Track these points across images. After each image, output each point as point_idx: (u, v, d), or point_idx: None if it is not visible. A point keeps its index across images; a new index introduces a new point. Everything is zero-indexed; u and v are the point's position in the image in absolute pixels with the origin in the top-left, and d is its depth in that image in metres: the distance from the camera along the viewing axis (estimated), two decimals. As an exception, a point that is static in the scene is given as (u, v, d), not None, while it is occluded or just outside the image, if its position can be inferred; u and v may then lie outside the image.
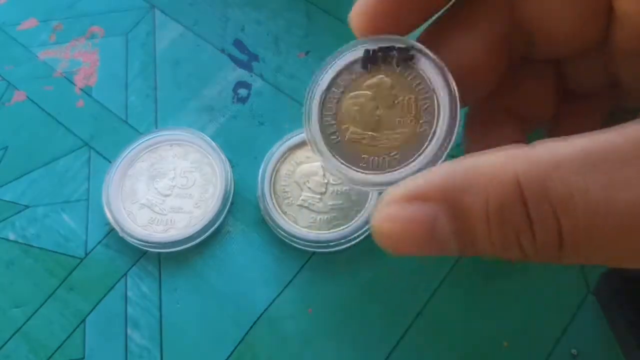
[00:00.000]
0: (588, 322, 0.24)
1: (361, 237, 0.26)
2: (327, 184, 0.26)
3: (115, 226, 0.26)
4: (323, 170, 0.27)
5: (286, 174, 0.27)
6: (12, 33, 0.32)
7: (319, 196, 0.26)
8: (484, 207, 0.15)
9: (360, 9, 0.20)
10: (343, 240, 0.25)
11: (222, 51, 0.31)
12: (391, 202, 0.17)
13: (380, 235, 0.17)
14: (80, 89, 0.30)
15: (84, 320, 0.25)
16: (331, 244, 0.25)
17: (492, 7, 0.20)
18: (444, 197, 0.16)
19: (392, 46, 0.20)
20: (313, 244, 0.26)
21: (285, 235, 0.26)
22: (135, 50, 0.31)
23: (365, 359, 0.24)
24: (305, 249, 0.26)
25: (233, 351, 0.24)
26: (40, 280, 0.26)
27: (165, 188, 0.27)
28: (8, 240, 0.27)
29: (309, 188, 0.27)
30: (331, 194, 0.26)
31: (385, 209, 0.17)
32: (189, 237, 0.26)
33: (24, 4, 0.33)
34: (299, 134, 0.27)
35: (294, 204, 0.26)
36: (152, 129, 0.29)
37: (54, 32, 0.32)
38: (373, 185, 0.19)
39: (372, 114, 0.20)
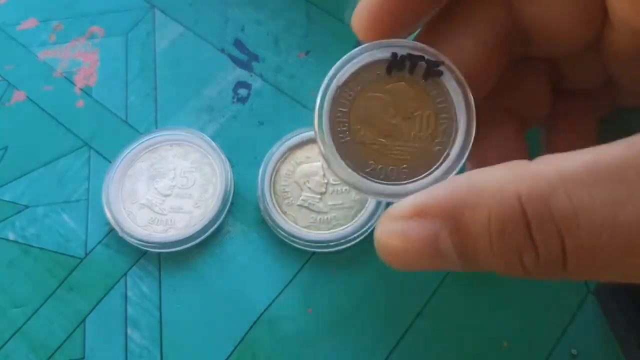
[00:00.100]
0: (588, 322, 0.24)
1: (361, 237, 0.26)
2: (327, 184, 0.26)
3: (115, 226, 0.26)
4: (323, 170, 0.27)
5: (286, 174, 0.27)
6: (12, 33, 0.32)
7: (319, 196, 0.26)
8: (486, 225, 0.15)
9: (364, 8, 0.19)
10: (343, 240, 0.25)
11: (222, 51, 0.31)
12: (395, 218, 0.17)
13: (384, 251, 0.17)
14: (80, 89, 0.30)
15: (84, 320, 0.25)
16: (331, 244, 0.25)
17: (490, 6, 0.20)
18: (447, 214, 0.16)
19: (422, 56, 0.19)
20: (313, 244, 0.26)
21: (285, 235, 0.26)
22: (135, 50, 0.31)
23: (365, 359, 0.24)
24: (305, 249, 0.26)
25: (233, 351, 0.24)
26: (40, 280, 0.26)
27: (165, 188, 0.27)
28: (8, 240, 0.27)
29: (309, 188, 0.27)
30: (331, 194, 0.26)
31: (389, 224, 0.17)
32: (189, 237, 0.26)
33: (24, 4, 0.33)
34: (299, 134, 0.27)
35: (294, 204, 0.26)
36: (152, 129, 0.29)
37: (54, 32, 0.32)
38: (376, 194, 0.19)
39: (387, 121, 0.19)
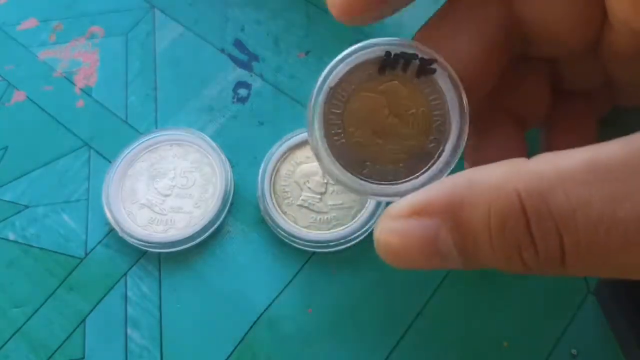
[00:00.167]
0: (588, 322, 0.24)
1: (361, 237, 0.26)
2: (327, 184, 0.26)
3: (115, 226, 0.26)
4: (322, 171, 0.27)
5: (286, 174, 0.27)
6: (12, 33, 0.32)
7: (319, 196, 0.26)
8: (486, 222, 0.15)
9: None
10: (343, 240, 0.25)
11: (222, 51, 0.31)
12: (394, 217, 0.17)
13: (384, 250, 0.17)
14: (80, 89, 0.30)
15: (84, 320, 0.25)
16: (331, 244, 0.25)
17: (489, 6, 0.20)
18: (447, 212, 0.16)
19: (415, 54, 0.19)
20: (313, 244, 0.25)
21: (285, 235, 0.26)
22: (135, 50, 0.31)
23: (365, 359, 0.24)
24: (305, 249, 0.26)
25: (233, 351, 0.24)
26: (40, 280, 0.26)
27: (165, 188, 0.27)
28: (8, 240, 0.27)
29: (309, 188, 0.27)
30: (331, 194, 0.26)
31: (389, 223, 0.17)
32: (189, 237, 0.26)
33: (24, 4, 0.33)
34: (299, 134, 0.27)
35: (294, 204, 0.26)
36: (152, 129, 0.29)
37: (54, 32, 0.32)
38: (374, 195, 0.19)
39: (381, 121, 0.19)
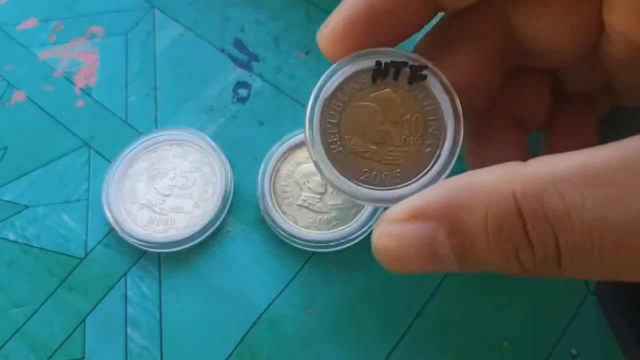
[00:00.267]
0: (588, 322, 0.24)
1: (361, 237, 0.26)
2: (327, 184, 0.26)
3: (115, 226, 0.26)
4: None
5: (286, 174, 0.27)
6: (12, 33, 0.32)
7: (319, 196, 0.26)
8: (483, 224, 0.15)
9: (329, 32, 0.19)
10: (343, 240, 0.25)
11: (222, 51, 0.31)
12: (391, 221, 0.17)
13: (382, 254, 0.17)
14: (80, 89, 0.30)
15: (84, 320, 0.25)
16: (331, 244, 0.25)
17: (487, 23, 0.20)
18: (444, 215, 0.16)
19: (406, 62, 0.19)
20: (313, 244, 0.25)
21: (285, 235, 0.26)
22: (135, 50, 0.31)
23: (365, 359, 0.24)
24: (305, 249, 0.26)
25: (233, 351, 0.24)
26: (40, 280, 0.26)
27: (165, 188, 0.27)
28: (8, 240, 0.27)
29: (309, 188, 0.27)
30: (331, 194, 0.26)
31: (386, 228, 0.17)
32: (189, 237, 0.26)
33: (24, 3, 0.33)
34: (299, 134, 0.27)
35: (294, 204, 0.26)
36: (152, 129, 0.29)
37: (54, 32, 0.32)
38: (373, 201, 0.19)
39: (377, 128, 0.19)
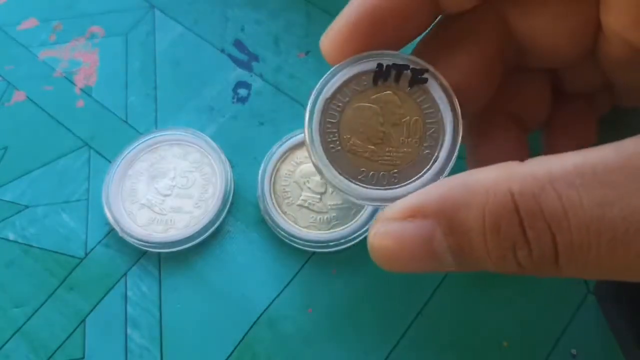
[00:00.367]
0: (588, 322, 0.24)
1: (361, 237, 0.26)
2: (327, 184, 0.26)
3: (115, 226, 0.26)
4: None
5: (286, 174, 0.27)
6: (12, 33, 0.32)
7: (319, 196, 0.26)
8: (480, 222, 0.15)
9: (332, 37, 0.20)
10: (343, 240, 0.25)
11: (222, 51, 0.31)
12: (388, 219, 0.17)
13: (378, 253, 0.17)
14: (80, 89, 0.30)
15: (84, 320, 0.25)
16: (331, 244, 0.25)
17: (486, 23, 0.20)
18: (441, 214, 0.16)
19: (407, 65, 0.20)
20: (313, 244, 0.26)
21: (285, 235, 0.26)
22: (135, 50, 0.31)
23: (365, 358, 0.24)
24: (305, 249, 0.26)
25: (233, 351, 0.24)
26: (40, 280, 0.26)
27: (165, 188, 0.27)
28: (8, 240, 0.27)
29: (309, 188, 0.27)
30: (331, 194, 0.26)
31: (382, 225, 0.17)
32: (189, 237, 0.26)
33: (24, 3, 0.33)
34: (299, 134, 0.27)
35: (294, 204, 0.26)
36: (152, 129, 0.29)
37: (54, 32, 0.32)
38: (369, 200, 0.19)
39: (376, 129, 0.20)
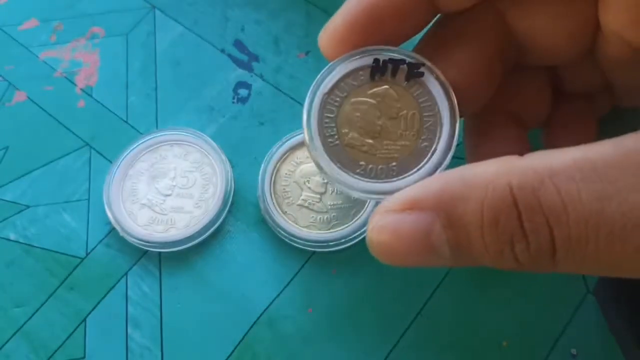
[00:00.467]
0: (587, 322, 0.24)
1: (361, 237, 0.26)
2: (327, 184, 0.27)
3: (116, 226, 0.26)
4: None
5: (286, 174, 0.27)
6: (12, 33, 0.32)
7: (319, 196, 0.26)
8: (478, 216, 0.15)
9: (330, 34, 0.20)
10: (343, 240, 0.25)
11: (222, 51, 0.31)
12: (387, 211, 0.17)
13: (376, 245, 0.17)
14: (81, 89, 0.30)
15: (84, 320, 0.25)
16: (331, 244, 0.25)
17: (485, 22, 0.20)
18: (440, 207, 0.16)
19: (403, 59, 0.20)
20: (313, 243, 0.26)
21: (285, 235, 0.26)
22: (136, 50, 0.31)
23: (365, 358, 0.24)
24: (305, 248, 0.26)
25: (233, 351, 0.25)
26: (41, 279, 0.26)
27: (166, 188, 0.27)
28: (9, 240, 0.27)
29: (309, 188, 0.27)
30: (331, 194, 0.26)
31: (381, 217, 0.17)
32: (189, 236, 0.26)
33: (24, 4, 0.33)
34: (299, 134, 0.27)
35: (294, 203, 0.26)
36: (153, 129, 0.29)
37: (54, 33, 0.32)
38: (368, 193, 0.19)
39: (374, 122, 0.20)
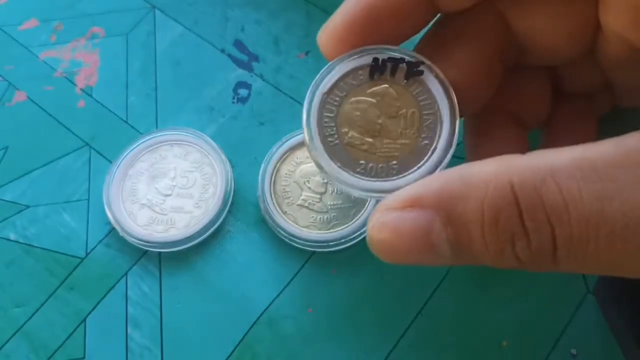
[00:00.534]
0: (588, 322, 0.24)
1: (361, 237, 0.26)
2: (327, 184, 0.27)
3: (116, 226, 0.26)
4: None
5: (286, 174, 0.27)
6: (12, 33, 0.32)
7: (319, 196, 0.26)
8: (479, 214, 0.15)
9: (329, 33, 0.20)
10: (343, 240, 0.25)
11: (222, 51, 0.31)
12: (388, 209, 0.17)
13: (377, 242, 0.17)
14: (80, 89, 0.30)
15: (84, 320, 0.25)
16: (331, 244, 0.25)
17: (485, 21, 0.20)
18: (440, 204, 0.16)
19: (403, 58, 0.20)
20: (313, 243, 0.26)
21: (285, 235, 0.26)
22: (136, 50, 0.31)
23: (365, 358, 0.24)
24: (305, 248, 0.26)
25: (233, 351, 0.25)
26: (41, 279, 0.26)
27: (166, 188, 0.27)
28: (9, 240, 0.27)
29: (309, 188, 0.27)
30: (331, 194, 0.26)
31: (382, 215, 0.17)
32: (189, 236, 0.26)
33: (24, 4, 0.33)
34: (299, 134, 0.27)
35: (294, 203, 0.26)
36: (153, 129, 0.29)
37: (54, 33, 0.32)
38: (368, 191, 0.19)
39: (373, 121, 0.20)
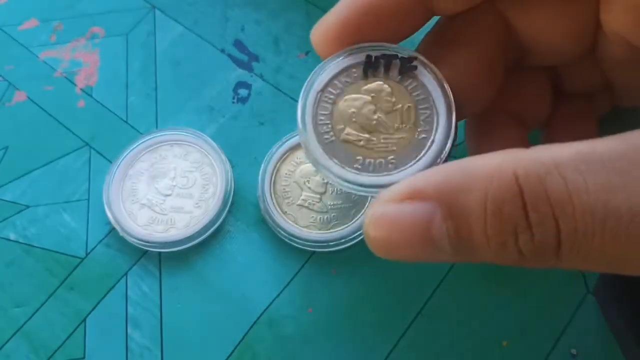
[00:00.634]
0: (588, 322, 0.24)
1: (361, 237, 0.26)
2: (327, 184, 0.27)
3: (116, 226, 0.26)
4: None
5: (286, 174, 0.27)
6: (12, 33, 0.32)
7: (319, 196, 0.26)
8: (482, 206, 0.15)
9: (323, 32, 0.20)
10: (343, 240, 0.25)
11: (222, 51, 0.31)
12: (387, 201, 0.16)
13: (374, 236, 0.16)
14: (81, 89, 0.30)
15: (84, 320, 0.25)
16: (331, 244, 0.25)
17: (485, 22, 0.20)
18: (441, 197, 0.15)
19: (396, 55, 0.20)
20: (313, 243, 0.26)
21: (285, 235, 0.26)
22: (136, 50, 0.31)
23: (365, 358, 0.24)
24: (305, 248, 0.26)
25: (233, 351, 0.25)
26: (41, 279, 0.26)
27: (166, 188, 0.27)
28: (9, 240, 0.27)
29: (309, 188, 0.27)
30: (331, 194, 0.26)
31: (380, 207, 0.16)
32: (189, 236, 0.26)
33: (24, 4, 0.33)
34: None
35: (294, 203, 0.26)
36: (153, 129, 0.29)
37: (54, 33, 0.32)
38: (367, 187, 0.19)
39: (369, 117, 0.20)
